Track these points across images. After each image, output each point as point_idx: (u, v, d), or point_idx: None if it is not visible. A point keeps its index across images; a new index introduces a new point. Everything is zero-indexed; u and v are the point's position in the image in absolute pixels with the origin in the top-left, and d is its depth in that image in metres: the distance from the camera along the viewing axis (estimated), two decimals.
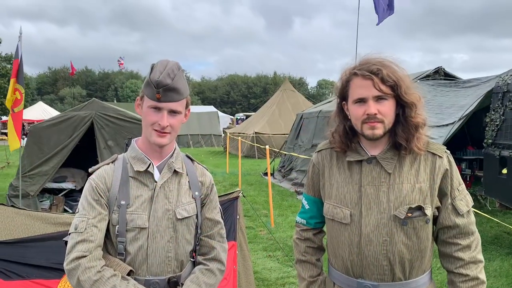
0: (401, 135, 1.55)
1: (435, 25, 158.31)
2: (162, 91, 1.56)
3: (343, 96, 1.64)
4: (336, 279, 1.70)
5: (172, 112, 1.62)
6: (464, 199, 1.61)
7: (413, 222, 1.54)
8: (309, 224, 1.83)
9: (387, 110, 1.53)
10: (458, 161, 9.94)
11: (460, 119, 6.95)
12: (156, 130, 1.62)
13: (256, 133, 18.78)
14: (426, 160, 1.59)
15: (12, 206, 2.98)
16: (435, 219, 1.64)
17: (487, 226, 6.95)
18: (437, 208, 1.61)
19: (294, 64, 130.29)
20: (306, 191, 1.83)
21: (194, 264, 1.80)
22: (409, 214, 1.53)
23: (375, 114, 1.51)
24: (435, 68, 9.98)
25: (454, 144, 9.36)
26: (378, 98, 1.52)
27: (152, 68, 1.60)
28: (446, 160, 1.60)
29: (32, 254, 2.71)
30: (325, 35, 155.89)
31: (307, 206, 1.82)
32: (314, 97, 50.52)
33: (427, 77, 9.92)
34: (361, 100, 1.54)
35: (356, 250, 1.59)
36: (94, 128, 8.12)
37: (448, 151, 1.64)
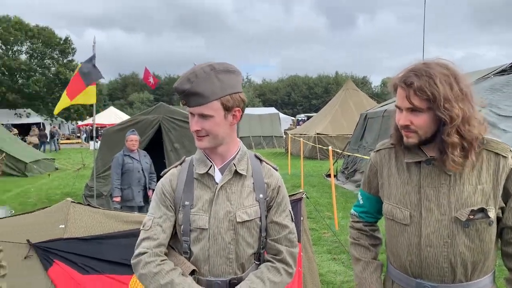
0: (439, 148, 1.52)
1: None
2: (183, 96, 1.58)
3: None
4: (395, 277, 1.70)
5: (202, 116, 1.60)
6: None
7: (476, 224, 1.52)
8: (361, 217, 1.90)
9: (421, 122, 1.52)
10: None
11: None
12: (195, 136, 1.65)
13: (318, 134, 18.57)
14: (489, 161, 1.54)
15: (88, 205, 3.16)
16: (499, 219, 1.59)
17: None
18: (502, 209, 1.57)
19: (357, 63, 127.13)
20: (362, 187, 1.88)
21: (258, 266, 1.76)
22: (471, 217, 1.51)
23: (407, 125, 1.54)
24: None
25: None
26: (412, 110, 1.52)
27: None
28: (511, 159, 1.54)
29: (106, 250, 2.86)
30: (390, 31, 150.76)
31: (361, 201, 1.89)
32: (379, 96, 48.86)
33: (502, 72, 9.24)
34: (399, 108, 1.57)
35: (415, 251, 1.59)
36: (162, 131, 8.46)
37: None
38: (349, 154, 12.16)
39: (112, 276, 2.78)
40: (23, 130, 29.11)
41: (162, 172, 1.80)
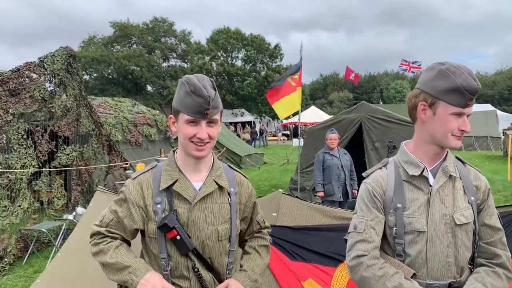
0: None
1: None
2: (474, 96, 1.56)
3: None
4: None
5: (468, 116, 1.61)
6: None
7: None
8: None
9: None
10: None
11: None
12: (455, 136, 1.62)
13: None
14: None
15: (297, 197, 3.43)
16: None
17: None
18: None
19: None
20: None
21: (472, 271, 1.71)
22: None
23: None
24: None
25: None
26: None
27: (452, 74, 1.54)
28: None
29: (311, 241, 3.04)
30: None
31: None
32: None
33: None
34: None
35: None
36: (362, 129, 8.46)
37: None
38: None
39: (318, 266, 2.94)
40: (235, 127, 33.20)
41: (364, 173, 1.84)
